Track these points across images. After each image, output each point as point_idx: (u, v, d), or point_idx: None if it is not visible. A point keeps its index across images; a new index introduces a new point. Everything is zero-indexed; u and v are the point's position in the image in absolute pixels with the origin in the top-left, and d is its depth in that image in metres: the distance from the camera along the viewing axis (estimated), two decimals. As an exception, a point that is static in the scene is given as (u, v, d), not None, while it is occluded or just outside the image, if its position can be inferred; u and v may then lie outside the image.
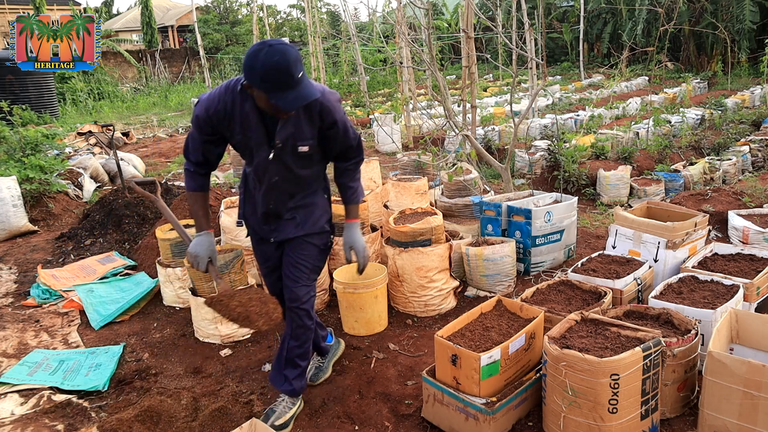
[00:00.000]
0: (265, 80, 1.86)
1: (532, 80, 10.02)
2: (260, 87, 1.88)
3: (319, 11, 16.22)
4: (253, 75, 1.87)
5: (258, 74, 1.85)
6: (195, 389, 2.70)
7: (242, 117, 2.08)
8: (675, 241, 3.06)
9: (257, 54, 1.84)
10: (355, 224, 2.38)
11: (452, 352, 2.17)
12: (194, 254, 2.26)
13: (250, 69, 1.86)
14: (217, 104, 2.07)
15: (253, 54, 1.85)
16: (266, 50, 1.83)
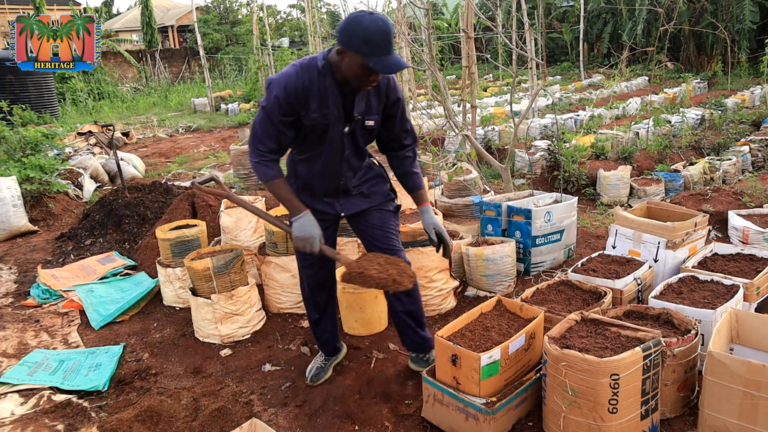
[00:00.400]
0: (368, 42, 1.94)
1: (532, 80, 10.02)
2: (360, 50, 1.95)
3: (319, 11, 16.22)
4: (354, 38, 1.95)
5: (361, 37, 1.94)
6: (195, 389, 2.70)
7: (320, 93, 2.13)
8: (675, 241, 3.06)
9: (360, 19, 1.95)
10: (429, 207, 2.43)
11: (452, 352, 2.17)
12: (305, 236, 2.19)
13: (351, 33, 1.95)
14: (296, 81, 2.09)
15: (355, 19, 1.96)
16: (368, 16, 1.95)
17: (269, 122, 2.15)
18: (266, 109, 2.13)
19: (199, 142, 10.66)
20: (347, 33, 1.97)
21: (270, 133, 2.17)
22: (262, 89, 14.98)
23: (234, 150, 6.29)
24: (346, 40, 1.98)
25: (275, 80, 2.12)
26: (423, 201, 2.44)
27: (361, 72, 2.03)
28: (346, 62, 2.03)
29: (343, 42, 1.99)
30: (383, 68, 1.98)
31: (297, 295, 3.41)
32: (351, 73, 2.06)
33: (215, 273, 3.11)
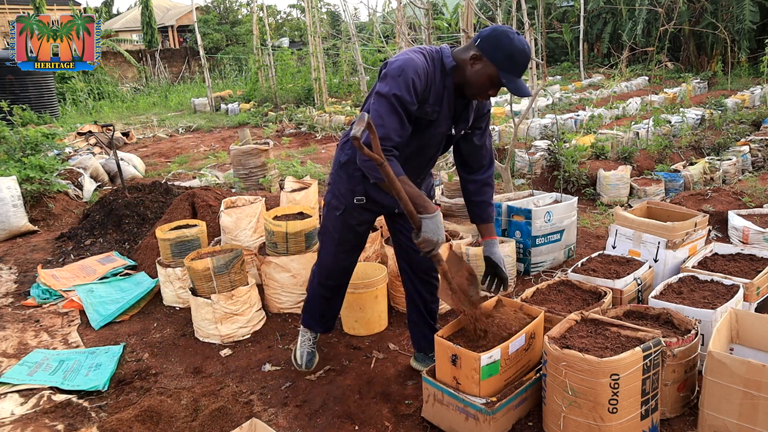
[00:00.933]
0: (510, 59, 1.94)
1: (532, 80, 10.02)
2: (500, 64, 1.95)
3: (319, 11, 16.21)
4: (499, 50, 1.94)
5: (506, 52, 1.94)
6: (195, 389, 2.70)
7: (438, 90, 2.07)
8: (675, 241, 3.06)
9: (510, 35, 1.94)
10: (496, 241, 2.40)
11: (452, 352, 2.17)
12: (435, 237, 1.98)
13: (497, 44, 1.94)
14: (426, 68, 2.01)
15: (505, 33, 1.95)
16: (517, 36, 1.95)
17: (400, 110, 1.97)
18: (397, 96, 1.94)
19: (199, 142, 10.66)
20: (493, 43, 1.95)
21: (401, 124, 1.99)
22: (261, 89, 15.01)
23: (234, 150, 6.29)
24: (489, 49, 1.96)
25: (405, 63, 1.96)
26: (491, 234, 2.39)
27: (488, 83, 2.01)
28: (477, 68, 2.00)
29: (485, 50, 1.97)
30: (513, 88, 1.98)
31: (297, 295, 3.41)
32: (477, 80, 2.02)
33: (215, 273, 3.11)
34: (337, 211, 2.33)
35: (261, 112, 12.74)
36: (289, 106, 13.36)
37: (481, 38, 1.98)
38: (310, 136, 10.45)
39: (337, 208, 2.32)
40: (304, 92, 14.53)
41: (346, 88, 15.75)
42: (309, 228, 3.41)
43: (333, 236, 2.39)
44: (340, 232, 2.37)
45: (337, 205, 2.33)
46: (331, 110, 12.03)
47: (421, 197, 2.02)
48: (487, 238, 2.39)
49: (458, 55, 2.06)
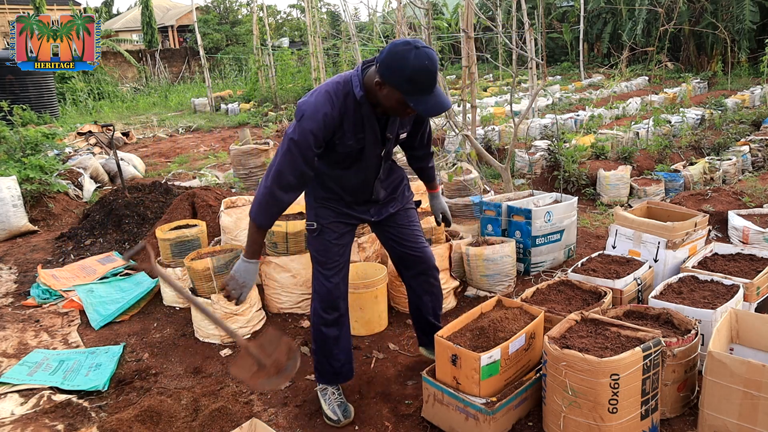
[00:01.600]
0: (411, 81, 1.81)
1: (532, 80, 10.02)
2: (401, 88, 1.84)
3: (319, 11, 16.21)
4: (398, 76, 1.82)
5: (405, 76, 1.81)
6: (195, 389, 2.70)
7: (356, 121, 2.03)
8: (675, 241, 3.06)
9: (405, 55, 1.79)
10: (438, 193, 2.69)
11: (452, 352, 2.17)
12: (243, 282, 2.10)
13: (394, 69, 1.82)
14: (332, 112, 1.96)
15: (401, 54, 1.80)
16: (415, 52, 1.79)
17: (298, 157, 1.96)
18: (297, 143, 1.94)
19: (199, 142, 10.66)
20: (389, 68, 1.83)
21: (295, 169, 1.98)
22: (261, 89, 15.01)
23: (234, 150, 6.29)
24: (387, 73, 1.84)
25: (308, 111, 1.95)
26: (434, 188, 2.66)
27: (400, 106, 1.93)
28: (385, 94, 1.92)
29: (384, 75, 1.86)
30: (425, 110, 1.87)
31: (297, 295, 3.41)
32: (389, 104, 1.95)
33: (215, 273, 3.11)
34: (315, 232, 2.32)
35: (261, 112, 12.74)
36: (289, 106, 13.36)
37: (380, 62, 1.87)
38: (310, 136, 10.42)
39: (314, 230, 2.32)
40: (304, 92, 14.52)
41: (346, 88, 15.72)
42: (309, 228, 3.40)
43: (320, 260, 2.34)
44: (324, 253, 2.33)
45: (313, 226, 2.33)
46: (331, 110, 12.00)
47: (256, 245, 2.12)
48: (430, 191, 2.68)
49: (368, 81, 1.98)
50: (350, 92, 2.00)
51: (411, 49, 1.79)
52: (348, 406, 2.45)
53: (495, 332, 2.32)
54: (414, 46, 1.80)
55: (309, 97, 2.03)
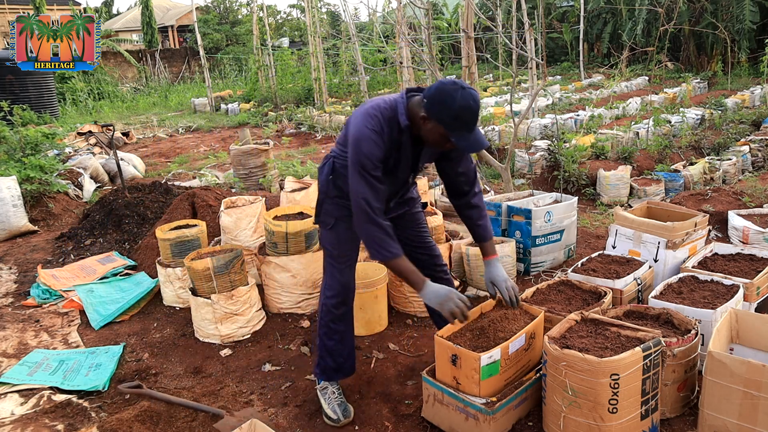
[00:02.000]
0: (456, 119, 1.93)
1: (532, 80, 10.02)
2: (446, 124, 1.95)
3: (319, 11, 16.22)
4: (443, 111, 1.93)
5: (452, 113, 1.92)
6: (195, 389, 2.70)
7: (396, 144, 2.11)
8: (675, 241, 3.06)
9: (453, 93, 1.91)
10: (496, 260, 2.38)
11: (452, 352, 2.17)
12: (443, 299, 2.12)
13: (441, 105, 1.93)
14: (383, 135, 2.05)
15: (448, 92, 1.92)
16: (462, 91, 1.91)
17: (373, 181, 2.04)
18: (366, 169, 2.02)
19: (199, 142, 10.66)
20: (437, 103, 1.94)
21: (377, 193, 2.06)
22: (261, 89, 15.01)
23: (234, 150, 6.29)
24: (434, 109, 1.96)
25: (364, 137, 2.02)
26: (489, 252, 2.38)
27: (442, 140, 2.03)
28: (429, 128, 2.02)
29: (430, 111, 1.97)
30: (466, 146, 1.99)
31: (297, 295, 3.41)
32: (431, 137, 2.05)
33: (215, 273, 3.11)
34: (328, 225, 2.36)
35: (261, 112, 12.74)
36: (289, 106, 13.36)
37: (427, 98, 1.98)
38: (310, 136, 10.46)
39: (327, 223, 2.35)
40: (304, 92, 14.54)
41: (346, 88, 15.76)
42: (309, 228, 3.41)
43: (333, 253, 2.38)
44: (337, 245, 2.37)
45: (326, 220, 2.36)
46: (331, 110, 12.03)
47: (414, 274, 2.15)
48: (485, 258, 2.41)
49: (412, 112, 2.07)
50: (395, 118, 2.08)
51: (458, 89, 1.92)
52: (348, 406, 2.45)
53: (495, 332, 2.32)
54: (461, 86, 1.93)
55: (359, 121, 2.06)
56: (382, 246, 2.09)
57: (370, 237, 2.09)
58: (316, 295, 3.43)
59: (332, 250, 2.38)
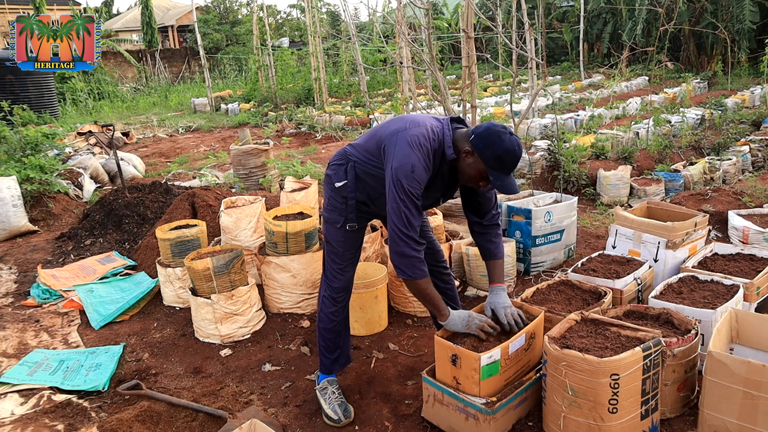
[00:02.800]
0: (499, 160, 2.03)
1: (532, 80, 10.02)
2: (489, 162, 2.05)
3: (319, 11, 16.21)
4: (489, 149, 2.04)
5: (496, 153, 2.03)
6: (195, 389, 2.70)
7: (440, 175, 2.20)
8: (675, 241, 3.06)
9: (502, 136, 2.03)
10: (502, 288, 2.39)
11: (452, 352, 2.17)
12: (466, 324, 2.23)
13: (489, 144, 2.04)
14: (430, 166, 2.11)
15: (497, 134, 2.03)
16: (510, 136, 2.03)
17: (416, 208, 2.10)
18: (413, 196, 2.07)
19: (199, 142, 10.66)
20: (485, 142, 2.04)
21: (418, 219, 2.12)
22: (261, 89, 15.00)
23: (234, 150, 6.29)
24: (481, 146, 2.05)
25: (417, 167, 2.06)
26: (496, 280, 2.40)
27: (478, 176, 2.12)
28: (469, 162, 2.11)
29: (477, 147, 2.07)
30: (501, 186, 2.07)
31: (297, 295, 3.41)
32: (468, 172, 2.13)
33: (215, 273, 3.11)
34: (337, 224, 2.36)
35: (261, 112, 12.74)
36: (289, 106, 13.36)
37: (475, 134, 2.08)
38: (310, 136, 10.46)
39: (337, 221, 2.36)
40: (304, 92, 14.54)
41: (346, 88, 15.76)
42: (309, 228, 3.41)
43: (337, 251, 2.40)
44: (343, 244, 2.39)
45: (336, 219, 2.35)
46: (331, 110, 12.03)
47: (440, 302, 2.24)
48: (492, 285, 2.41)
49: (456, 144, 2.14)
50: (441, 149, 2.15)
51: (507, 133, 2.04)
52: (348, 406, 2.46)
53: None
54: (509, 132, 2.05)
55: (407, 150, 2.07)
56: (416, 264, 2.13)
57: (404, 257, 2.12)
58: (316, 294, 3.43)
59: (336, 247, 2.40)
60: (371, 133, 2.30)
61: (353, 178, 2.29)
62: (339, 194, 2.33)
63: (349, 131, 10.44)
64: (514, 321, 2.27)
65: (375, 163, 2.23)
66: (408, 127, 2.13)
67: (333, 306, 2.46)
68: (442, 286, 2.63)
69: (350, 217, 2.34)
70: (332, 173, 2.36)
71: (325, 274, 2.49)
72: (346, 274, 2.44)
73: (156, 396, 2.54)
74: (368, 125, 10.49)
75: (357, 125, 10.77)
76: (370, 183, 2.28)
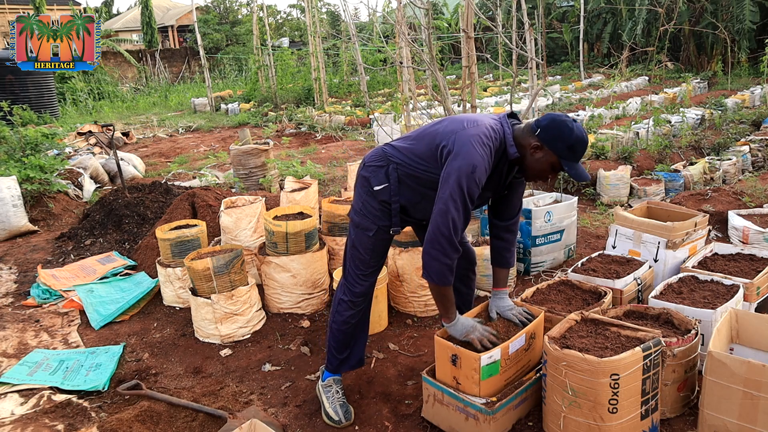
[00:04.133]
0: (571, 149, 2.04)
1: (532, 80, 10.02)
2: (561, 153, 2.05)
3: (319, 11, 16.21)
4: (560, 141, 2.03)
5: (567, 143, 2.02)
6: (195, 389, 2.70)
7: (496, 174, 2.16)
8: (675, 241, 3.06)
9: (570, 125, 2.03)
10: (505, 293, 2.43)
11: (452, 352, 2.17)
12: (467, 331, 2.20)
13: (558, 136, 2.03)
14: (491, 164, 2.08)
15: (565, 124, 2.03)
16: (576, 125, 2.04)
17: (466, 211, 2.04)
18: (470, 196, 2.02)
19: (199, 142, 10.66)
20: (553, 135, 2.03)
21: (466, 220, 2.08)
22: (261, 89, 15.00)
23: (234, 150, 6.29)
24: (550, 140, 2.04)
25: (479, 165, 2.00)
26: (501, 285, 2.43)
27: (548, 169, 2.10)
28: (539, 157, 2.08)
29: (546, 141, 2.05)
30: (575, 174, 2.06)
31: (297, 295, 3.41)
32: (538, 167, 2.10)
33: (215, 273, 3.11)
34: (369, 231, 2.27)
35: (261, 112, 12.74)
36: (289, 106, 13.36)
37: (541, 128, 2.05)
38: (310, 136, 10.46)
39: (369, 228, 2.27)
40: (304, 92, 14.54)
41: (346, 88, 15.76)
42: (309, 228, 3.41)
43: (364, 258, 2.33)
44: (372, 252, 2.32)
45: (368, 226, 2.27)
46: (331, 110, 12.03)
47: (452, 306, 2.20)
48: (495, 289, 2.43)
49: (519, 141, 2.11)
50: (502, 148, 2.12)
51: (573, 123, 2.05)
52: (349, 408, 2.45)
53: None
54: (573, 120, 2.06)
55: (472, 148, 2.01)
56: (449, 270, 2.09)
57: (441, 259, 2.06)
58: (316, 295, 3.43)
59: (364, 254, 2.32)
60: (418, 135, 2.21)
61: (396, 180, 2.19)
62: (376, 198, 2.22)
63: (349, 131, 10.44)
64: (525, 318, 2.34)
65: (425, 166, 2.13)
66: (467, 127, 2.07)
67: (350, 310, 2.39)
68: (464, 290, 2.61)
69: (394, 221, 2.26)
70: (370, 175, 2.23)
71: (345, 279, 2.41)
72: (369, 280, 2.37)
73: (156, 396, 2.54)
74: (368, 125, 10.49)
75: (357, 125, 10.77)
76: (412, 186, 2.19)
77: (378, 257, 2.36)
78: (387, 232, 2.29)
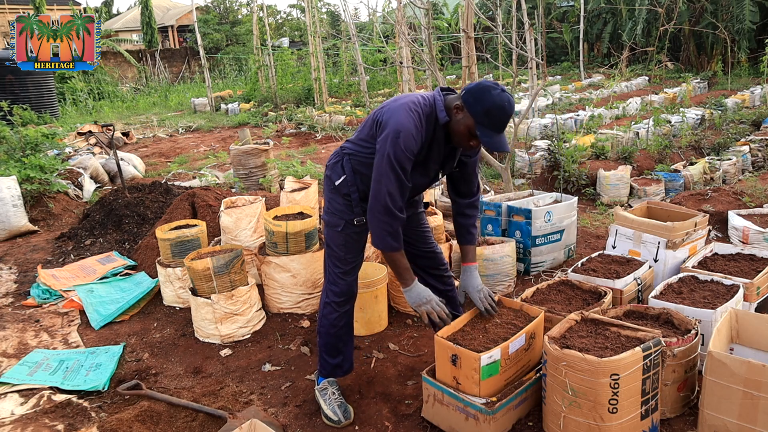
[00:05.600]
0: (487, 114, 2.00)
1: (532, 80, 10.02)
2: (477, 117, 2.02)
3: (319, 11, 16.22)
4: (477, 104, 2.01)
5: (485, 108, 2.00)
6: (195, 389, 2.70)
7: (430, 139, 2.16)
8: (675, 241, 3.06)
9: (491, 90, 2.00)
10: (474, 268, 2.45)
11: (452, 352, 2.17)
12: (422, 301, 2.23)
13: (477, 98, 2.02)
14: (421, 130, 2.09)
15: (486, 88, 2.01)
16: (499, 92, 2.00)
17: (402, 176, 2.06)
18: (399, 161, 2.03)
19: (199, 142, 10.66)
20: (473, 96, 2.03)
21: (402, 189, 2.09)
22: (261, 89, 15.01)
23: (234, 150, 6.29)
24: (470, 101, 2.04)
25: (404, 130, 2.02)
26: (470, 260, 2.44)
27: (467, 134, 2.08)
28: (459, 119, 2.08)
29: (466, 102, 2.05)
30: (488, 143, 2.03)
31: (297, 295, 3.41)
32: (457, 129, 2.10)
33: (215, 273, 3.12)
34: (338, 227, 2.31)
35: (261, 112, 12.74)
36: (289, 106, 13.37)
37: (466, 90, 2.06)
38: (310, 136, 10.46)
39: (337, 225, 2.32)
40: (304, 92, 14.55)
41: (346, 88, 15.77)
42: (309, 228, 3.41)
43: (339, 255, 2.36)
44: (344, 248, 2.35)
45: (336, 222, 2.31)
46: (331, 110, 12.03)
47: (407, 271, 2.24)
48: (464, 264, 2.45)
49: (449, 105, 2.13)
50: (433, 114, 2.13)
51: (497, 89, 2.01)
52: (348, 407, 2.45)
53: (495, 332, 2.32)
54: (501, 89, 2.02)
55: (399, 114, 2.05)
56: (391, 237, 2.13)
57: (382, 226, 2.12)
58: (316, 295, 3.43)
59: (338, 251, 2.36)
60: (364, 120, 2.29)
61: (350, 171, 2.25)
62: (339, 193, 2.30)
63: (349, 131, 10.44)
64: (489, 305, 2.36)
65: (370, 149, 2.18)
66: (396, 99, 2.14)
67: (335, 312, 2.41)
68: (442, 288, 2.61)
69: (356, 211, 2.29)
70: (330, 173, 2.33)
71: (326, 279, 2.44)
72: (347, 278, 2.39)
73: (156, 396, 2.54)
74: (368, 125, 10.49)
75: (357, 125, 10.78)
76: (366, 173, 2.22)
77: (352, 253, 2.37)
78: (354, 224, 2.31)
